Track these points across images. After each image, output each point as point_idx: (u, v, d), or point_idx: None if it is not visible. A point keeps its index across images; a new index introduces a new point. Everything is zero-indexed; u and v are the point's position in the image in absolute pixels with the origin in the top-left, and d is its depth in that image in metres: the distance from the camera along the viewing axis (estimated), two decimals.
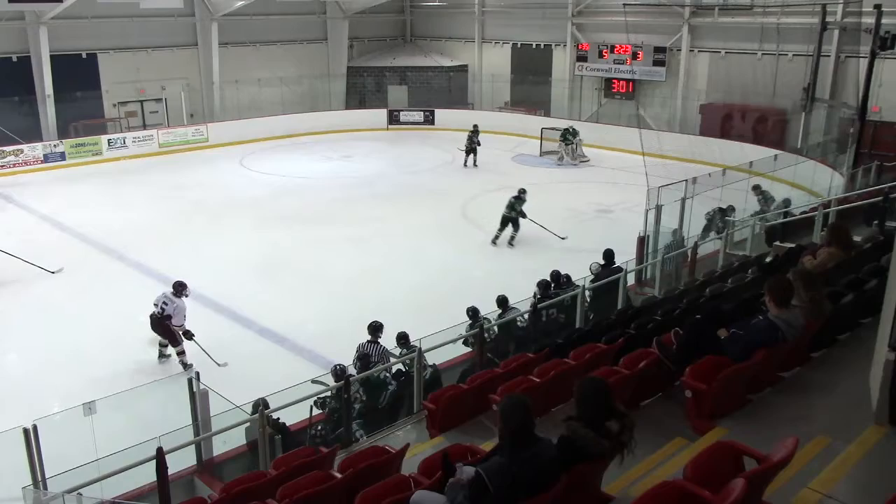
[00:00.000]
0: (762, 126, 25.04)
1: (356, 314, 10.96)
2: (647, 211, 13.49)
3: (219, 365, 11.59)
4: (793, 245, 10.06)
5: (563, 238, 16.75)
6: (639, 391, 6.05)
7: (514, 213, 16.83)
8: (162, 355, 11.92)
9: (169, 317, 11.47)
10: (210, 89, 29.83)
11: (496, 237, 16.97)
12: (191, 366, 11.28)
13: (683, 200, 13.68)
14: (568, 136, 25.54)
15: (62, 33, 25.83)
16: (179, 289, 11.68)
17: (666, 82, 27.80)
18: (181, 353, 11.67)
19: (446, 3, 34.08)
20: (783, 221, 13.86)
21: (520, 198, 16.99)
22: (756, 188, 16.34)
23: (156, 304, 11.60)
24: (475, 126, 25.66)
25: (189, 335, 11.60)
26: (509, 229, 16.90)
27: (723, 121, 26.08)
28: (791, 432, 4.12)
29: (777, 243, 11.56)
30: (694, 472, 3.81)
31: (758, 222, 13.84)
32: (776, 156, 18.39)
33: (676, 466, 4.46)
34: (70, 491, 5.99)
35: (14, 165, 24.21)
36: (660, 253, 13.00)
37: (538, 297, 10.77)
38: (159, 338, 11.84)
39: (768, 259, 9.72)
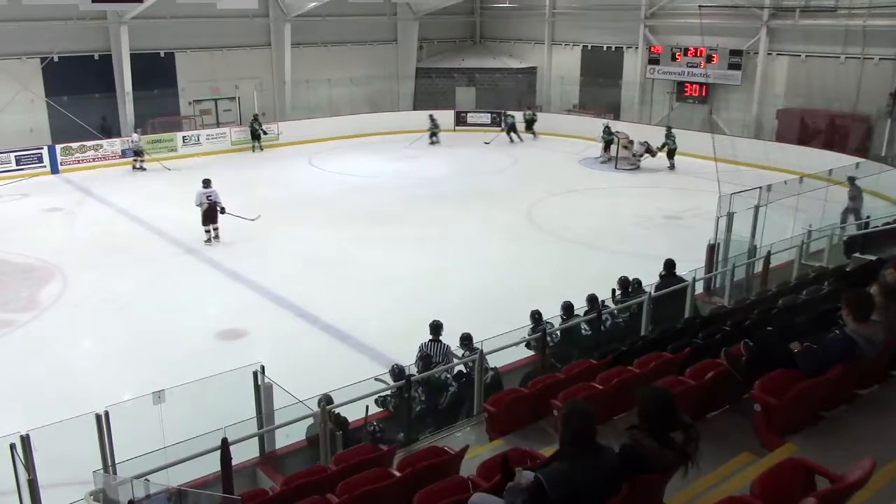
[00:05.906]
0: (844, 132, 24.13)
1: (419, 314, 10.95)
2: (718, 218, 13.16)
3: (251, 220, 16.75)
4: (873, 258, 9.66)
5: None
6: (705, 403, 5.89)
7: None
8: (209, 240, 16.49)
9: (217, 202, 16.21)
10: (282, 89, 30.44)
11: None
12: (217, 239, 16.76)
13: (757, 208, 13.27)
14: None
15: (142, 33, 26.73)
16: (208, 181, 16.70)
17: (741, 86, 27.02)
18: (216, 228, 16.64)
19: (517, 5, 33.92)
20: (864, 232, 13.35)
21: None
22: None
23: (199, 204, 16.36)
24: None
25: (223, 210, 16.57)
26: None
27: (801, 127, 25.23)
28: (867, 453, 3.93)
29: (856, 255, 11.13)
30: (762, 488, 3.69)
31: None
32: (858, 164, 17.70)
33: (743, 482, 4.32)
34: (138, 476, 6.15)
35: (94, 160, 25.26)
36: (731, 261, 12.65)
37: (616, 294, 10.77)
38: (203, 227, 16.55)
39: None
